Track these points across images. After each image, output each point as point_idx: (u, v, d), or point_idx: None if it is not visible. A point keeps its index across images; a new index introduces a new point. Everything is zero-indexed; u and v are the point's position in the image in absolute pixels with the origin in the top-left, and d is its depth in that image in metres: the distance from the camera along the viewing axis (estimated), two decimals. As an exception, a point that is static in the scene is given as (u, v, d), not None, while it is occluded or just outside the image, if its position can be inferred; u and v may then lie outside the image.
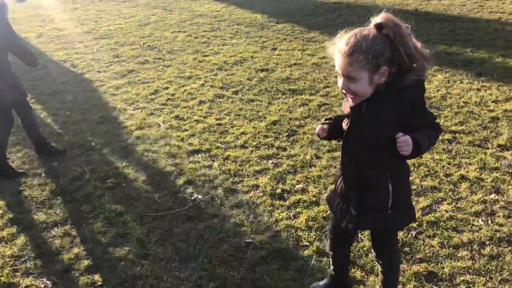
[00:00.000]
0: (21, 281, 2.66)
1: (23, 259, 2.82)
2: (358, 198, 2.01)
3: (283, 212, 3.19)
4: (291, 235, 2.94)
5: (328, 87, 5.28)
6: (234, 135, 4.31)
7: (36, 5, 10.10)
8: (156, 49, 6.96)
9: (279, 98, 5.05)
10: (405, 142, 1.77)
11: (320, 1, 9.73)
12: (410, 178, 2.92)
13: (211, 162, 3.87)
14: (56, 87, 5.56)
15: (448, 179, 3.45)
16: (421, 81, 1.85)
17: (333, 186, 2.31)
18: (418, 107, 1.87)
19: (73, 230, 3.08)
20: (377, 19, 1.77)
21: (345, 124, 2.00)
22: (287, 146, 4.05)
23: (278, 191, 3.42)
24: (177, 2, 10.25)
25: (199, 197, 3.40)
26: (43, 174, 3.72)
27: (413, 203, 2.58)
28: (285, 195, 3.39)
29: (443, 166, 3.61)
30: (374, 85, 1.82)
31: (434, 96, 4.85)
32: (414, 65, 1.79)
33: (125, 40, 7.46)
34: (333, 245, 2.37)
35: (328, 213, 3.12)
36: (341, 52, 1.80)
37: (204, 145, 4.14)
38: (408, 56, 1.76)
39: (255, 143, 4.13)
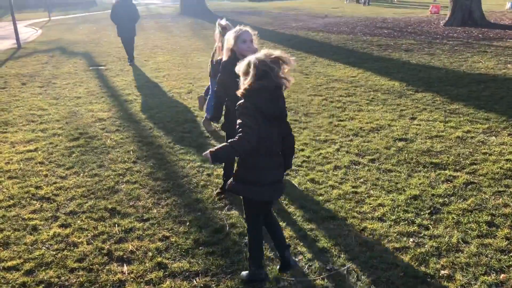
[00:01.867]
0: (165, 326, 2.81)
1: (167, 304, 3.00)
2: None
3: (426, 298, 2.96)
4: (437, 327, 2.70)
5: (475, 163, 4.93)
6: (371, 206, 4.19)
7: (189, 64, 11.30)
8: (293, 111, 7.21)
9: (419, 171, 4.84)
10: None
11: (463, 72, 9.32)
12: None
13: (347, 231, 3.79)
14: (202, 141, 6.02)
15: None
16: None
17: None
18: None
19: (213, 282, 3.20)
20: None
21: None
22: (429, 225, 3.81)
23: (420, 274, 3.20)
24: (314, 66, 10.63)
25: (335, 267, 3.32)
26: (187, 223, 3.99)
27: None
28: (428, 279, 3.15)
29: None
30: None
31: None
32: None
33: (264, 100, 7.87)
34: None
35: (479, 308, 2.82)
36: None
37: (339, 212, 4.09)
38: None
39: (394, 217, 3.97)
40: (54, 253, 3.57)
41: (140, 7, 21.95)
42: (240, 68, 2.85)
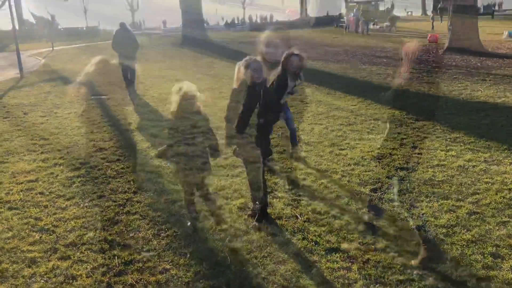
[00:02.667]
0: None
1: None
2: None
3: (432, 334, 2.89)
4: None
5: (477, 193, 4.90)
6: (374, 237, 4.14)
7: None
8: (294, 140, 7.21)
9: (422, 201, 4.80)
10: None
11: (463, 100, 9.39)
12: None
13: (350, 264, 3.73)
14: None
15: None
16: None
17: None
18: None
19: (214, 317, 3.13)
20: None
21: None
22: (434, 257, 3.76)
23: (426, 308, 3.14)
24: (314, 95, 10.71)
25: (338, 301, 3.26)
26: (188, 255, 3.93)
27: None
28: (434, 313, 3.09)
29: None
30: None
31: None
32: None
33: (265, 129, 7.89)
34: None
35: None
36: None
37: (342, 244, 4.04)
38: None
39: (397, 248, 3.91)
40: (53, 286, 3.52)
41: (142, 37, 22.31)
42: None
